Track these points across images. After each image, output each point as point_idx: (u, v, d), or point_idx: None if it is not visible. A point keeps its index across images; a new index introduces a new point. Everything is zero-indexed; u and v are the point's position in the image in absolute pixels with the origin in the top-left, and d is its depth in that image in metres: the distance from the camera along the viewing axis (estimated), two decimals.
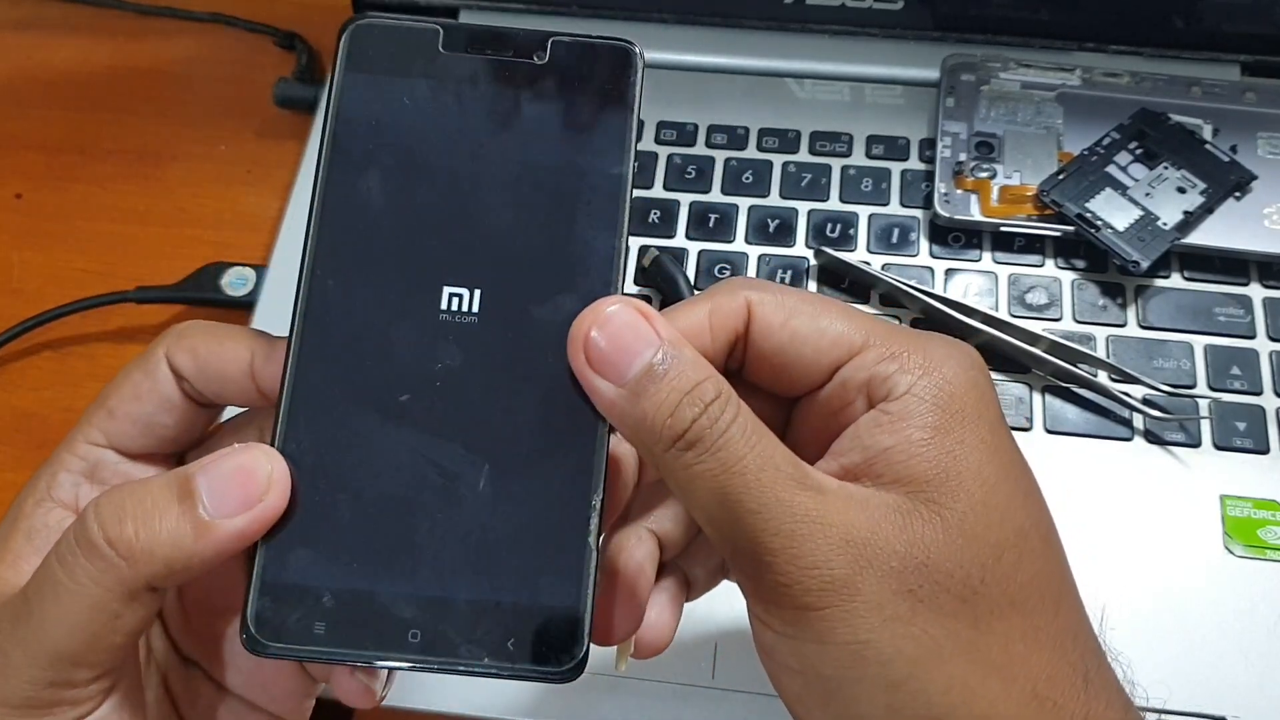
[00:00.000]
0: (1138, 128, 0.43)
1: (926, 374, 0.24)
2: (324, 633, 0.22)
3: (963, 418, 0.23)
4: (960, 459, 0.23)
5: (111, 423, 0.26)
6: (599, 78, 0.25)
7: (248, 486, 0.22)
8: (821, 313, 0.25)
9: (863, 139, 0.45)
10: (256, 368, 0.25)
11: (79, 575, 0.22)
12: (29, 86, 0.52)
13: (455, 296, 0.24)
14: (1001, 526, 0.23)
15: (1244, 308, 0.40)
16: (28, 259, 0.46)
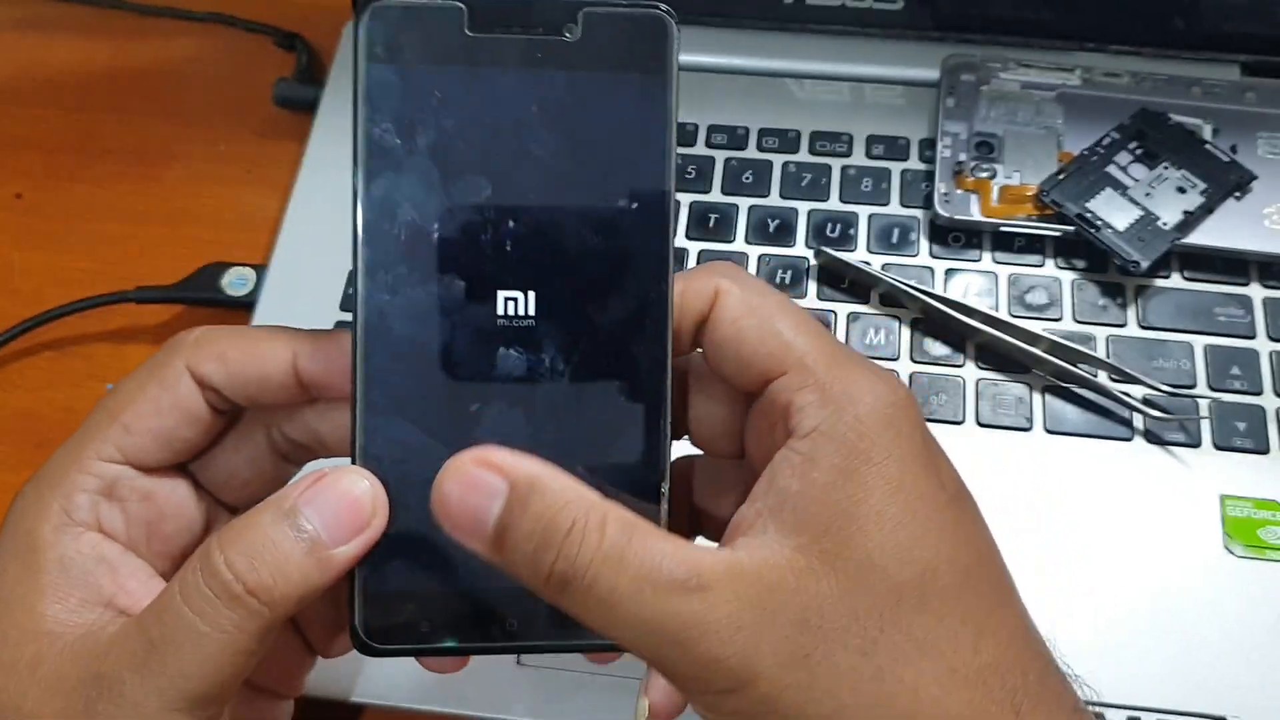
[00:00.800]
0: (1138, 128, 0.43)
1: (838, 410, 0.23)
2: (429, 630, 0.23)
3: (869, 458, 0.23)
4: (860, 503, 0.22)
5: (129, 439, 0.25)
6: (634, 49, 0.24)
7: (355, 513, 0.23)
8: (775, 319, 0.24)
9: (863, 139, 0.45)
10: (301, 366, 0.25)
11: (222, 624, 0.22)
12: (29, 86, 0.52)
13: (511, 301, 0.24)
14: (901, 569, 0.22)
15: (1244, 308, 0.40)
16: (27, 259, 0.46)
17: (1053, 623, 0.34)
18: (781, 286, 0.42)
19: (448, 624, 0.24)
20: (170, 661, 0.22)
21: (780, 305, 0.24)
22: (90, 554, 0.25)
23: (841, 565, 0.22)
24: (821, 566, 0.22)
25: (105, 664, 0.23)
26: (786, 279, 0.42)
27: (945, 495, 0.23)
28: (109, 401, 0.26)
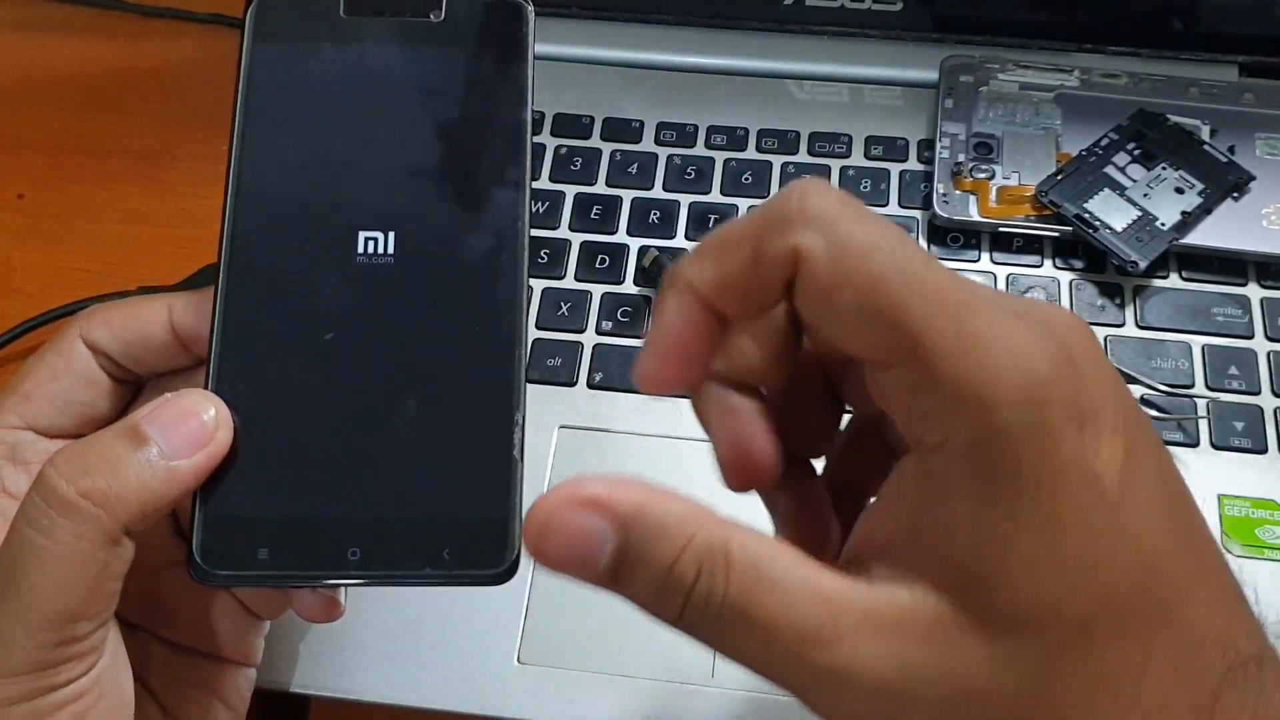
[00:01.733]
0: (1136, 128, 0.43)
1: (968, 418, 0.18)
2: (267, 558, 0.23)
3: (1016, 478, 0.18)
4: (1009, 546, 0.18)
5: (27, 405, 0.27)
6: (494, 31, 0.26)
7: (197, 428, 0.23)
8: (878, 292, 0.19)
9: (862, 140, 0.45)
10: (176, 320, 0.27)
11: (59, 534, 0.22)
12: (31, 87, 0.52)
13: (370, 240, 0.25)
14: (1056, 625, 0.19)
15: (1242, 308, 0.40)
16: (30, 259, 0.47)
17: None
18: None
19: (287, 552, 0.23)
20: (21, 583, 0.22)
21: (892, 266, 0.19)
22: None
23: (988, 623, 0.19)
24: (969, 622, 0.19)
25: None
26: None
27: (1106, 510, 0.19)
28: (17, 376, 0.27)
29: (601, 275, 0.42)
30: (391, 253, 0.25)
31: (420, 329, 0.25)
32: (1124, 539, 0.19)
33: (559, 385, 0.39)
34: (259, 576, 0.24)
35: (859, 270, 0.19)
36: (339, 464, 0.24)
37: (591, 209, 0.44)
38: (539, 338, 0.40)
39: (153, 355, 0.27)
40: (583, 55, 0.48)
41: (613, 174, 0.45)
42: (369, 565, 0.23)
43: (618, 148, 0.45)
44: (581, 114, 0.46)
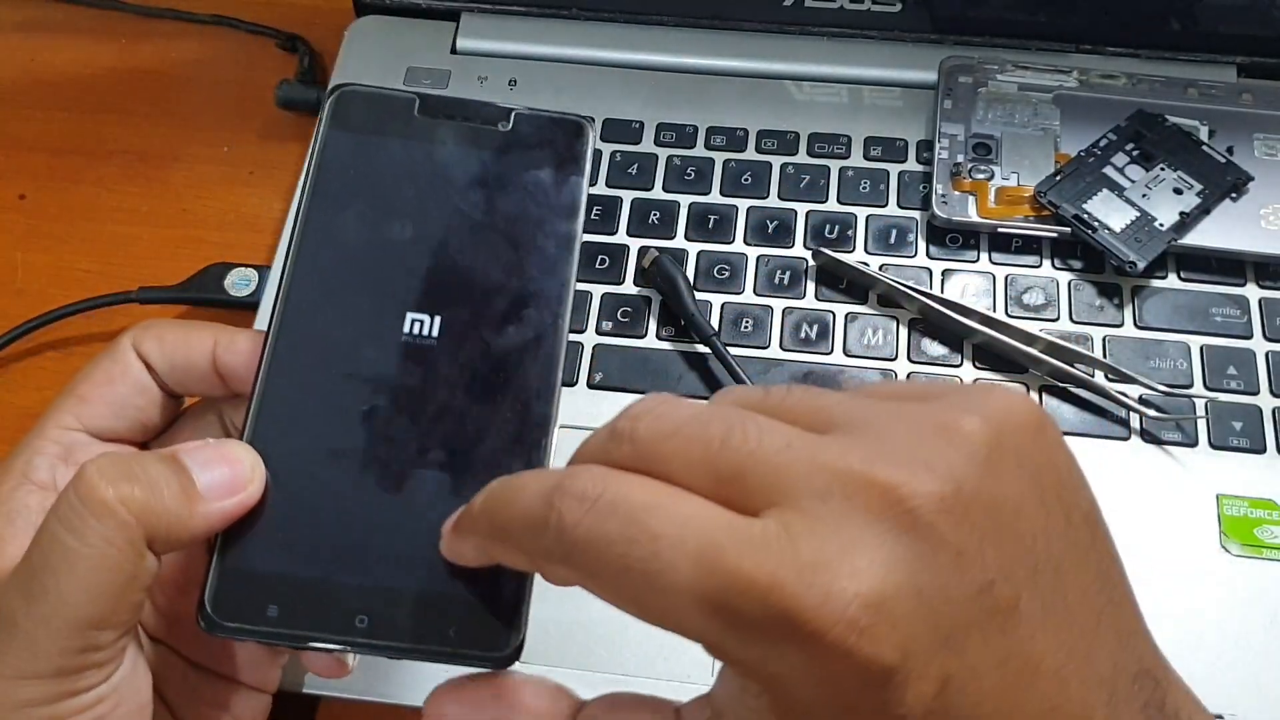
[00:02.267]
0: (1134, 129, 0.43)
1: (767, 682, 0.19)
2: (275, 615, 0.24)
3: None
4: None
5: (84, 407, 0.27)
6: (555, 144, 0.29)
7: (232, 475, 0.24)
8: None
9: (861, 141, 0.45)
10: (219, 354, 0.27)
11: (91, 538, 0.22)
12: (32, 88, 0.52)
13: (417, 321, 0.26)
14: None
15: (1240, 308, 0.40)
16: (31, 260, 0.47)
17: None
18: (780, 287, 0.42)
19: (296, 612, 0.24)
20: (49, 584, 0.22)
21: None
22: (36, 508, 0.26)
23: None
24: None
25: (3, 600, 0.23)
26: (785, 280, 0.42)
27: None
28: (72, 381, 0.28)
29: (601, 275, 0.42)
30: (435, 336, 0.26)
31: (452, 410, 0.26)
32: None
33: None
34: (265, 633, 0.24)
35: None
36: (358, 532, 0.25)
37: (592, 209, 0.44)
38: None
39: (193, 381, 0.28)
40: (583, 55, 0.48)
41: (613, 174, 0.45)
42: (374, 635, 0.24)
43: (618, 148, 0.45)
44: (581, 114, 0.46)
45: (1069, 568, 0.20)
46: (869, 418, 0.20)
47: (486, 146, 0.28)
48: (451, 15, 0.50)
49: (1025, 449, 0.20)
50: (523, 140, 0.28)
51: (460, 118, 0.28)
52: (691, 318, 0.39)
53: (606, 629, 0.34)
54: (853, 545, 0.18)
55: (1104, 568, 0.21)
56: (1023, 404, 0.20)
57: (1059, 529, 0.20)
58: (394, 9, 0.50)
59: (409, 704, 0.34)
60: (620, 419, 0.20)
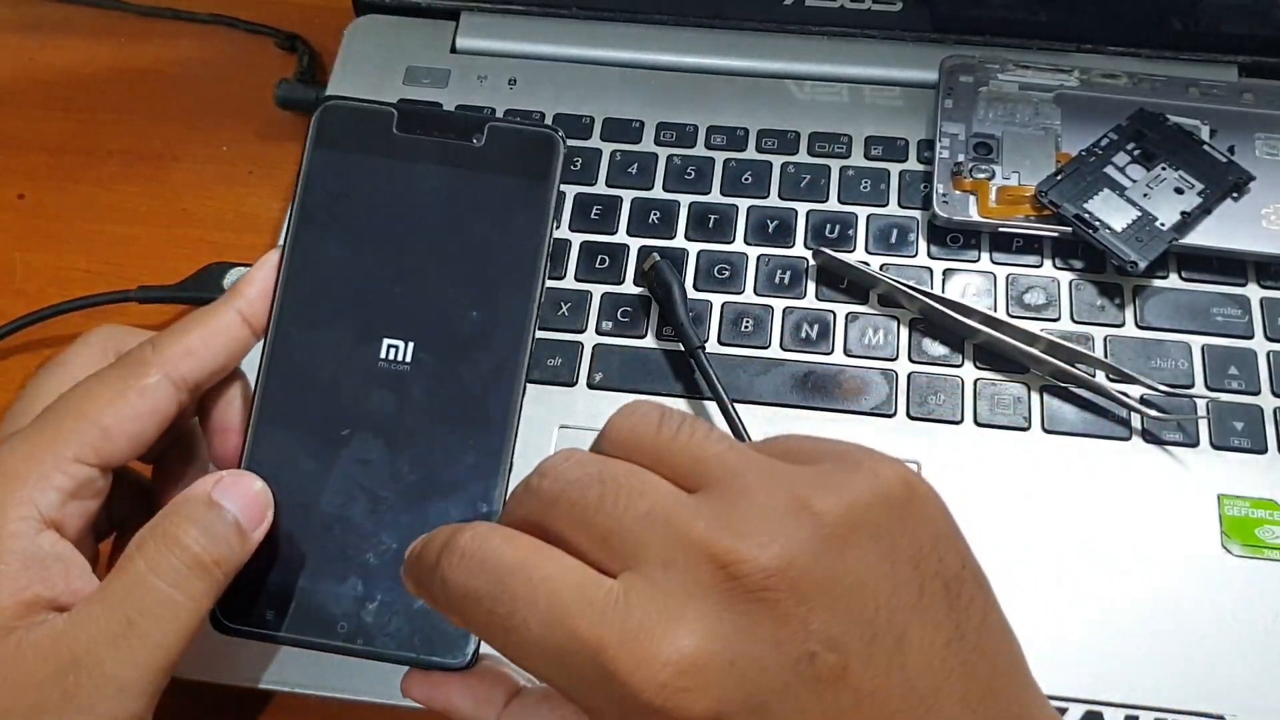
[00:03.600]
0: (1135, 128, 0.43)
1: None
2: (272, 620, 0.27)
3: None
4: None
5: (107, 443, 0.27)
6: (526, 158, 0.29)
7: (259, 505, 0.27)
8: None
9: (861, 140, 0.45)
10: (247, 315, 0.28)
11: (194, 593, 0.25)
12: (31, 87, 0.52)
13: (392, 347, 0.28)
14: None
15: (1241, 308, 0.40)
16: (30, 259, 0.47)
17: (1050, 622, 0.34)
18: (780, 287, 0.42)
19: (289, 617, 0.27)
20: (151, 633, 0.24)
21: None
22: (52, 553, 0.26)
23: None
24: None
25: (79, 646, 0.24)
26: (785, 280, 0.42)
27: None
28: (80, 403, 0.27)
29: (601, 275, 0.42)
30: (408, 360, 0.28)
31: (423, 433, 0.28)
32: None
33: (559, 385, 0.39)
34: (263, 634, 0.27)
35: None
36: (340, 547, 0.27)
37: (591, 209, 0.44)
38: (539, 338, 0.40)
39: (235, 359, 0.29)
40: (583, 55, 0.48)
41: (613, 174, 0.45)
42: (353, 639, 0.27)
43: (618, 148, 0.45)
44: (581, 114, 0.46)
45: (913, 637, 0.20)
46: (738, 480, 0.21)
47: (461, 163, 0.29)
48: (451, 14, 0.49)
49: (882, 525, 0.21)
50: (495, 155, 0.29)
51: (436, 133, 0.29)
52: (680, 328, 0.39)
53: None
54: (678, 613, 0.20)
55: (961, 633, 0.21)
56: (893, 478, 0.21)
57: (907, 601, 0.20)
58: (393, 8, 0.50)
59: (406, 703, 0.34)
60: (534, 473, 0.22)
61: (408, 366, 0.28)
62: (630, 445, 0.22)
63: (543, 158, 0.29)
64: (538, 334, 0.29)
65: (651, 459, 0.22)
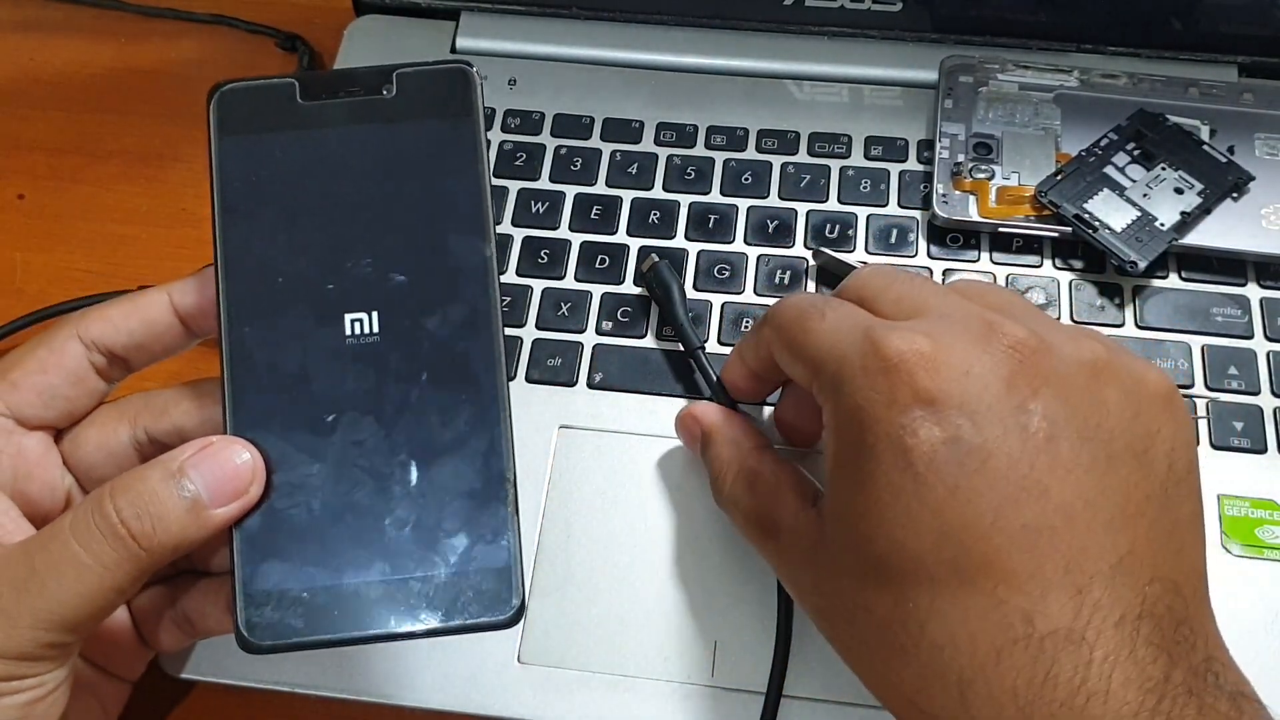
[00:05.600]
0: (1135, 129, 0.43)
1: (827, 404, 0.27)
2: (302, 626, 0.26)
3: (846, 445, 0.26)
4: (840, 492, 0.26)
5: (14, 393, 0.28)
6: (443, 99, 0.28)
7: (236, 479, 0.26)
8: (797, 342, 0.29)
9: (861, 140, 0.45)
10: (177, 302, 0.28)
11: (105, 559, 0.25)
12: (31, 87, 0.52)
13: (356, 321, 0.27)
14: (860, 562, 0.25)
15: (1241, 308, 0.40)
16: (30, 260, 0.47)
17: None
18: (780, 287, 0.42)
19: (319, 618, 0.26)
20: (50, 585, 0.25)
21: (800, 327, 0.29)
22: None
23: (822, 554, 0.27)
24: (815, 553, 0.28)
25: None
26: (785, 279, 0.42)
27: (910, 478, 0.24)
28: (1, 364, 0.29)
29: (601, 275, 0.42)
30: (376, 332, 0.27)
31: (412, 401, 0.27)
32: (923, 504, 0.24)
33: (559, 385, 0.39)
34: (297, 643, 0.26)
35: (785, 339, 0.30)
36: (354, 534, 0.26)
37: (591, 209, 0.44)
38: (539, 338, 0.41)
39: (157, 341, 0.29)
40: (583, 55, 0.48)
41: (613, 174, 0.45)
42: (392, 623, 0.26)
43: (618, 148, 0.45)
44: (581, 114, 0.46)
45: (1125, 466, 0.24)
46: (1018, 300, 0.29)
47: (376, 118, 0.28)
48: (451, 14, 0.49)
49: (1145, 397, 0.25)
50: (410, 103, 0.28)
51: (344, 93, 0.28)
52: (680, 328, 0.39)
53: (606, 630, 0.34)
54: (936, 331, 0.26)
55: (1169, 495, 0.25)
56: (1167, 389, 0.26)
57: (1135, 446, 0.25)
58: (393, 8, 0.50)
59: (403, 703, 0.34)
60: (850, 280, 0.31)
61: (377, 337, 0.27)
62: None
63: (460, 93, 0.28)
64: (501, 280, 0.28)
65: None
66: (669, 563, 0.35)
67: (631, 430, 0.38)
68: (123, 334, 0.28)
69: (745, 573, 0.35)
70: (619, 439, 0.38)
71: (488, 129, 0.46)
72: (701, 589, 0.35)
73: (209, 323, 0.28)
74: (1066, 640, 0.23)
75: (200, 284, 0.28)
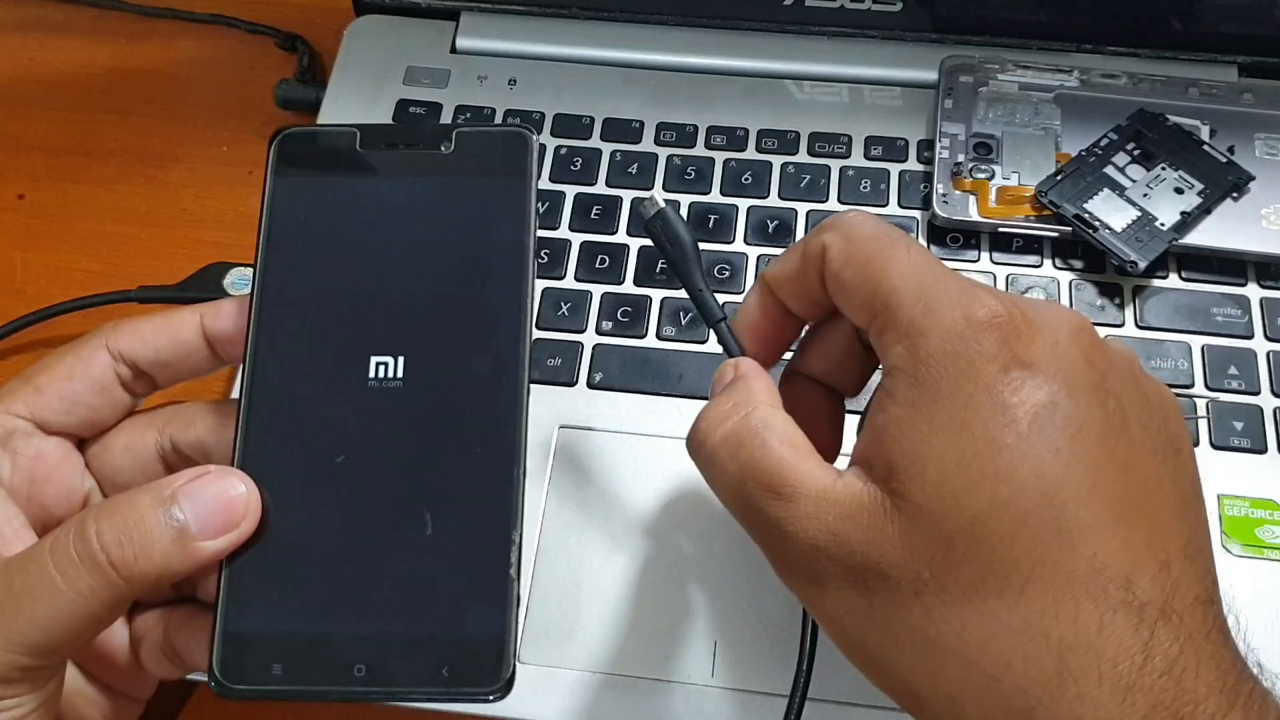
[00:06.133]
0: (1135, 128, 0.43)
1: (910, 344, 0.24)
2: (280, 673, 0.25)
3: (937, 392, 0.24)
4: (925, 441, 0.23)
5: (38, 397, 0.28)
6: (500, 160, 0.28)
7: (228, 512, 0.25)
8: (871, 266, 0.26)
9: (861, 140, 0.45)
10: (207, 325, 0.28)
11: (80, 586, 0.24)
12: (31, 87, 0.52)
13: (381, 365, 0.27)
14: (955, 515, 0.23)
15: (1241, 308, 0.40)
16: (30, 260, 0.47)
17: None
18: None
19: (298, 668, 0.25)
20: (24, 608, 0.24)
21: (880, 248, 0.26)
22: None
23: (904, 506, 0.23)
24: (891, 506, 0.24)
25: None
26: None
27: (1013, 434, 0.23)
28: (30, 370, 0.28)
29: (601, 275, 0.42)
30: (400, 377, 0.26)
31: (426, 450, 0.26)
32: (1024, 461, 0.23)
33: (559, 385, 0.39)
34: (272, 691, 0.25)
35: (858, 254, 0.26)
36: (347, 583, 0.25)
37: (591, 209, 0.44)
38: (539, 338, 0.41)
39: (183, 362, 0.29)
40: (583, 55, 0.48)
41: (613, 174, 0.45)
42: (373, 682, 0.25)
43: (618, 148, 0.45)
44: (581, 114, 0.46)
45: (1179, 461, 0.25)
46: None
47: (432, 172, 0.28)
48: (451, 14, 0.49)
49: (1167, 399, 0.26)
50: (466, 160, 0.28)
51: (403, 145, 0.28)
52: (698, 295, 0.31)
53: (606, 630, 0.34)
54: (1030, 305, 0.25)
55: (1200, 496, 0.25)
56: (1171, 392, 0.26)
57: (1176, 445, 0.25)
58: (393, 8, 0.50)
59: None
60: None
61: (400, 383, 0.26)
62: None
63: (516, 156, 0.28)
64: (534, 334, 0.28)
65: None
66: (669, 562, 0.35)
67: (631, 430, 0.38)
68: (150, 350, 0.28)
69: (745, 572, 0.35)
70: (619, 439, 0.38)
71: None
72: (701, 589, 0.35)
73: (237, 350, 0.28)
74: (1161, 613, 0.22)
75: (233, 311, 0.28)
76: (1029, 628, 0.22)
